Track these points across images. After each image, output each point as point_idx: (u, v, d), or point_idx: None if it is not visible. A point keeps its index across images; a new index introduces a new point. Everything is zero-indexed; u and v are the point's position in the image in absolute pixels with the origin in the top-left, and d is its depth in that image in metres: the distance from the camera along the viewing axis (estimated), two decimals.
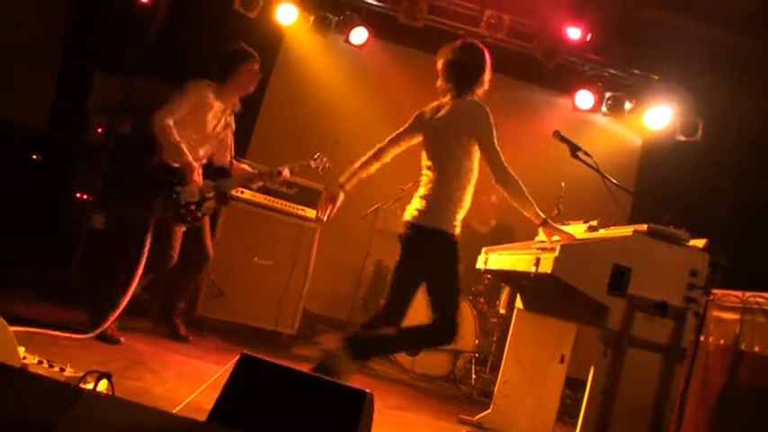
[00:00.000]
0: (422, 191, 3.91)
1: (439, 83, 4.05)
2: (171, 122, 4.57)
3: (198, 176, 4.71)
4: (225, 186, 4.97)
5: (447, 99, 3.98)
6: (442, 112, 3.94)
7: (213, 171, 4.95)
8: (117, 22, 7.48)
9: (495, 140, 3.76)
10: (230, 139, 5.12)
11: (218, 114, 4.89)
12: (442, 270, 3.77)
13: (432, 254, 3.78)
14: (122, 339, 4.42)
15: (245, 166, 5.26)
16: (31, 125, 6.92)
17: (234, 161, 5.17)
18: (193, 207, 4.72)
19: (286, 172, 5.13)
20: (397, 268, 3.96)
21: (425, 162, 3.99)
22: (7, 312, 3.96)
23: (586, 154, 4.09)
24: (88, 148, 6.86)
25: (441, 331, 3.72)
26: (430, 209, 3.78)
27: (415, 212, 3.83)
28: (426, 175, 3.95)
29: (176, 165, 4.62)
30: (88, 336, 4.13)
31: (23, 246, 6.14)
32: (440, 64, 4.04)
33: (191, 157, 4.64)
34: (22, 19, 6.81)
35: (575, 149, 4.10)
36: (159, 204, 4.58)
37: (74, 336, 4.06)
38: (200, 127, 4.78)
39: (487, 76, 4.03)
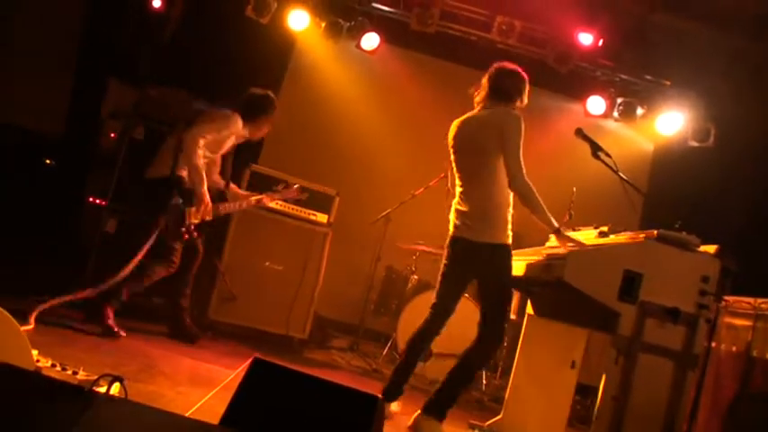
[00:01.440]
0: (462, 205, 4.07)
1: (477, 100, 4.19)
2: (201, 142, 4.76)
3: (207, 207, 4.92)
4: (219, 210, 5.15)
5: (477, 110, 4.14)
6: (472, 122, 4.09)
7: (212, 194, 5.10)
8: (131, 28, 7.54)
9: (520, 148, 3.87)
10: (228, 162, 5.36)
11: (231, 145, 5.16)
12: (499, 281, 3.97)
13: (490, 267, 3.96)
14: (123, 334, 4.55)
15: (239, 190, 5.48)
16: (46, 130, 6.98)
17: (230, 184, 5.39)
18: (193, 227, 4.92)
19: (266, 200, 5.44)
20: (444, 278, 4.17)
21: (458, 174, 4.16)
22: (22, 315, 4.01)
23: (607, 155, 4.10)
24: (102, 154, 6.90)
25: (491, 342, 3.98)
26: (482, 225, 3.95)
27: (464, 228, 4.01)
28: (465, 189, 4.09)
29: (190, 186, 4.83)
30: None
31: (38, 250, 6.19)
32: (483, 83, 4.19)
33: (204, 190, 4.83)
34: (38, 26, 6.87)
35: (596, 149, 4.12)
36: (165, 216, 4.80)
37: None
38: (215, 151, 5.04)
39: (525, 99, 4.19)
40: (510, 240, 3.95)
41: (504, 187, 3.93)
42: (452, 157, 4.20)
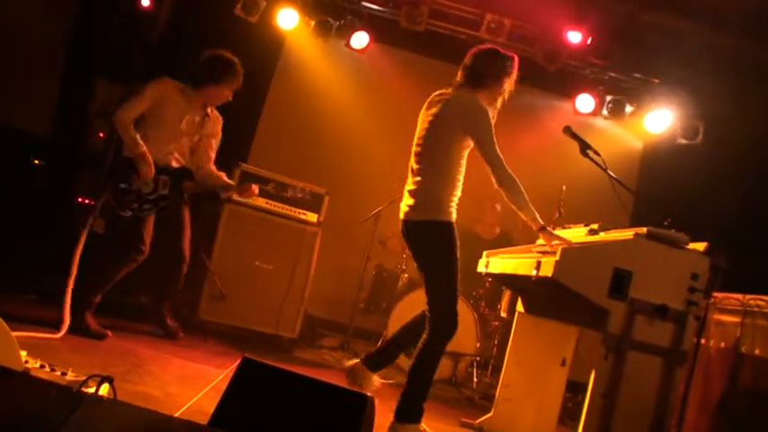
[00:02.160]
0: (411, 185, 3.91)
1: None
2: (128, 117, 4.61)
3: (150, 167, 4.65)
4: (184, 186, 4.96)
5: (447, 90, 3.98)
6: (438, 103, 3.93)
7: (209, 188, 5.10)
8: (119, 27, 7.51)
9: (494, 138, 3.73)
10: (211, 147, 5.15)
11: (183, 113, 4.87)
12: (439, 260, 3.78)
13: (426, 246, 3.81)
14: (109, 333, 4.52)
15: (224, 177, 5.23)
16: (34, 130, 6.94)
17: (215, 170, 5.19)
18: (143, 200, 4.72)
19: (255, 189, 5.25)
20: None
21: (415, 149, 3.99)
22: (10, 315, 3.99)
23: (596, 153, 4.09)
24: (90, 153, 6.88)
25: (440, 329, 3.73)
26: (421, 204, 3.81)
27: (407, 209, 3.86)
28: (416, 167, 3.94)
29: (130, 155, 4.66)
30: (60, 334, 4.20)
31: (26, 249, 6.16)
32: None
33: (144, 149, 4.61)
34: (26, 25, 6.84)
35: (585, 147, 4.10)
36: (109, 192, 4.69)
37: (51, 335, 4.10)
38: (164, 123, 4.80)
39: (506, 85, 4.00)
40: (451, 219, 3.78)
41: (452, 174, 3.80)
42: (418, 131, 4.06)
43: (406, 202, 3.90)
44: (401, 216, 3.93)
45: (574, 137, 4.15)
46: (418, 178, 3.87)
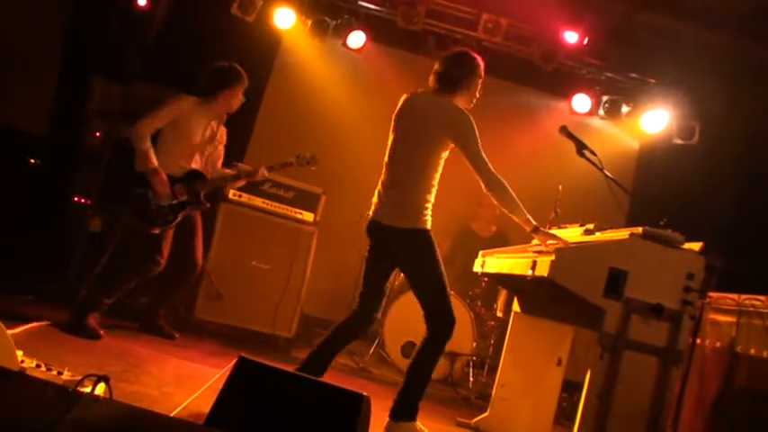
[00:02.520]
0: (389, 188, 3.91)
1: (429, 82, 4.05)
2: (147, 131, 4.73)
3: (164, 181, 4.76)
4: (198, 188, 4.99)
5: (420, 95, 4.02)
6: (417, 107, 3.98)
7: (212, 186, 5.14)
8: (116, 26, 7.50)
9: (480, 147, 3.74)
10: (220, 152, 5.29)
11: (203, 127, 5.01)
12: (424, 268, 3.79)
13: (411, 253, 3.80)
14: (103, 333, 4.51)
15: (228, 171, 5.32)
16: (31, 129, 6.93)
17: (219, 169, 5.30)
18: (166, 211, 4.80)
19: (263, 171, 5.27)
20: (367, 263, 3.99)
21: (391, 154, 4.03)
22: (7, 315, 3.99)
23: (592, 152, 4.10)
24: (87, 153, 6.87)
25: (439, 332, 3.75)
26: (401, 211, 3.80)
27: (384, 211, 3.86)
28: (391, 172, 3.96)
29: (141, 170, 4.74)
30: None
31: (23, 249, 6.15)
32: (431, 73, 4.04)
33: (155, 164, 4.73)
34: (23, 23, 6.83)
35: (581, 147, 4.11)
36: (128, 210, 4.81)
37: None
38: (182, 137, 4.91)
39: (476, 85, 4.02)
40: (428, 227, 3.79)
41: (431, 183, 3.82)
42: (391, 133, 4.09)
43: (381, 202, 3.90)
44: (371, 214, 3.94)
45: (570, 137, 4.15)
46: (398, 184, 3.87)
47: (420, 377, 3.75)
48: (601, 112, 7.70)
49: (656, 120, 7.55)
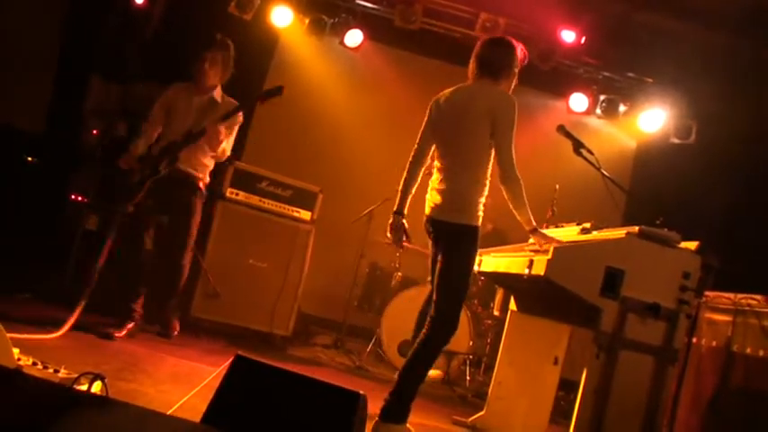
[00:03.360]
0: (439, 183, 3.88)
1: (468, 74, 4.02)
2: (148, 128, 4.99)
3: (129, 157, 4.89)
4: (162, 157, 4.84)
5: (467, 84, 3.97)
6: (460, 96, 3.91)
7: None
8: (114, 25, 7.50)
9: (513, 140, 3.71)
10: (218, 132, 4.87)
11: (195, 109, 4.99)
12: (458, 263, 3.76)
13: (449, 246, 3.78)
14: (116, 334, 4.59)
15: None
16: (28, 127, 6.93)
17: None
18: (134, 188, 4.77)
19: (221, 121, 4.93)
20: (432, 261, 3.96)
21: (439, 151, 3.97)
22: (3, 313, 3.99)
23: (589, 152, 4.10)
24: (84, 151, 6.87)
25: (442, 329, 3.71)
26: (451, 204, 3.78)
27: (437, 207, 3.84)
28: (442, 166, 3.91)
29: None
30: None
31: (20, 247, 6.14)
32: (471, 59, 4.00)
33: (137, 149, 4.91)
34: (20, 22, 6.82)
35: (578, 146, 4.11)
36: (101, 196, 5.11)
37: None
38: (173, 122, 4.96)
39: (516, 69, 4.01)
40: (478, 223, 3.78)
41: (483, 175, 3.78)
42: (429, 131, 4.03)
43: (434, 199, 3.87)
44: (427, 212, 3.92)
45: (567, 135, 4.16)
46: (453, 178, 3.82)
47: (415, 377, 3.72)
48: (598, 111, 7.72)
49: (653, 119, 7.57)
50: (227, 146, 5.05)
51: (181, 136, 4.84)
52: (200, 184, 5.02)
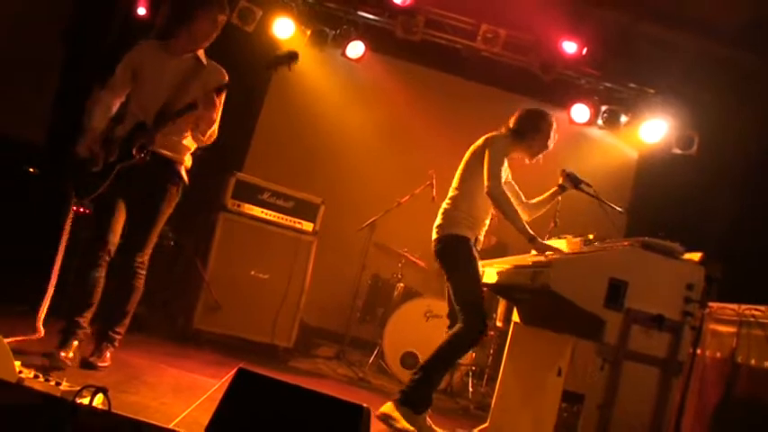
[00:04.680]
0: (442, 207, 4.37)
1: None
2: (102, 94, 4.16)
3: (86, 142, 4.02)
4: (134, 140, 3.99)
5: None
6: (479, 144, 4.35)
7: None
8: (115, 35, 7.51)
9: (500, 162, 4.13)
10: (204, 115, 4.03)
11: (173, 74, 4.10)
12: (457, 271, 4.13)
13: (447, 258, 4.19)
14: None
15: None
16: (30, 139, 6.93)
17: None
18: (97, 177, 4.00)
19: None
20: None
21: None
22: (4, 325, 3.97)
23: (588, 185, 4.31)
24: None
25: (469, 332, 4.01)
26: (442, 221, 4.27)
27: (435, 228, 4.30)
28: (451, 194, 4.38)
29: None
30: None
31: (21, 258, 6.13)
32: None
33: (90, 125, 4.04)
34: (21, 33, 6.83)
35: (577, 183, 4.33)
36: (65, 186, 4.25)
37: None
38: (149, 95, 4.06)
39: (547, 140, 4.42)
40: (466, 234, 4.18)
41: (473, 196, 4.22)
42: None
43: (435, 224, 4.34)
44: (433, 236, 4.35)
45: (568, 178, 4.37)
46: (446, 202, 4.36)
47: (439, 368, 4.03)
48: (599, 121, 7.71)
49: (654, 129, 7.56)
50: (215, 126, 4.13)
51: (156, 111, 3.98)
52: (182, 170, 4.17)
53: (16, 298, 5.19)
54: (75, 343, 3.94)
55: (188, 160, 4.23)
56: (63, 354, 3.78)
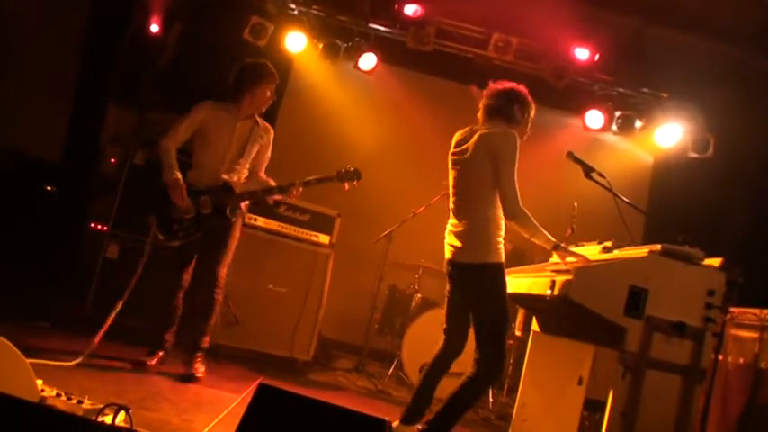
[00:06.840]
0: (455, 226, 3.96)
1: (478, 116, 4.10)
2: (170, 142, 4.67)
3: (182, 193, 4.59)
4: (223, 201, 4.71)
5: (476, 127, 4.01)
6: (469, 141, 3.95)
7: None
8: (129, 53, 7.58)
9: (514, 173, 3.75)
10: (264, 159, 5.11)
11: (229, 131, 4.82)
12: (487, 301, 3.82)
13: (481, 289, 3.84)
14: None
15: (271, 181, 5.09)
16: (46, 157, 6.99)
17: (263, 176, 5.11)
18: (187, 224, 4.66)
19: (299, 186, 5.02)
20: (448, 302, 4.09)
21: (453, 190, 4.04)
22: (24, 343, 3.99)
23: (600, 175, 4.08)
24: (102, 179, 6.92)
25: (486, 373, 3.78)
26: (470, 246, 3.85)
27: (454, 250, 3.92)
28: (455, 207, 4.01)
29: (165, 181, 4.63)
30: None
31: (39, 277, 6.18)
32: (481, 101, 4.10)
33: (175, 176, 4.59)
34: (36, 51, 6.90)
35: (588, 170, 4.10)
36: (154, 227, 4.69)
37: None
38: (211, 146, 4.77)
39: (527, 115, 4.10)
40: (501, 259, 3.86)
41: (496, 208, 3.84)
42: (450, 171, 4.10)
43: (452, 242, 3.95)
44: (447, 256, 4.00)
45: (576, 161, 4.17)
46: (464, 220, 3.90)
47: (457, 410, 3.82)
48: (614, 127, 7.69)
49: (669, 134, 7.53)
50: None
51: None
52: (242, 204, 4.93)
53: (36, 315, 5.23)
54: (161, 353, 4.74)
55: None
56: (149, 362, 4.63)
